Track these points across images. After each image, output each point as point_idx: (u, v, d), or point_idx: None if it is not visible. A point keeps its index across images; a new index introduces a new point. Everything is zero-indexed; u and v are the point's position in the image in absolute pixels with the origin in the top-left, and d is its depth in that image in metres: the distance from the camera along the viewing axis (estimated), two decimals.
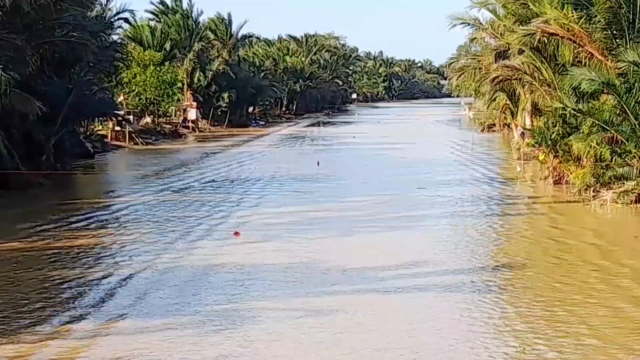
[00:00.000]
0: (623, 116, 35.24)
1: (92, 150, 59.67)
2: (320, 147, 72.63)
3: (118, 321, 18.61)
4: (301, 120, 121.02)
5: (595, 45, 38.72)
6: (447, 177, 48.01)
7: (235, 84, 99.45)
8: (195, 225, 31.44)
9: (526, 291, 21.50)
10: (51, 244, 27.41)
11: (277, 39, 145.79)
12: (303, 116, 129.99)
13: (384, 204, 36.87)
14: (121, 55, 65.22)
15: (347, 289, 21.48)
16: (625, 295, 20.79)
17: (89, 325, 18.19)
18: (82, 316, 18.99)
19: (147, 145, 71.16)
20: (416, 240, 28.66)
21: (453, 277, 22.72)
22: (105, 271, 23.60)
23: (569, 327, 18.08)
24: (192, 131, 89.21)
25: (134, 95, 78.93)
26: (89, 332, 17.78)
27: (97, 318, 18.83)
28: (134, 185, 44.65)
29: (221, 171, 51.65)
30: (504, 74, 51.37)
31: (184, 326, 18.12)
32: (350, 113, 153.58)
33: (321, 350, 16.80)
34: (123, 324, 18.40)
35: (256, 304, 19.96)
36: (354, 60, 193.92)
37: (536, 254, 26.63)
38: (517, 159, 52.92)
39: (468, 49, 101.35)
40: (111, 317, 18.87)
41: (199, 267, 24.09)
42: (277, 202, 37.57)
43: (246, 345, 16.95)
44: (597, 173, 35.66)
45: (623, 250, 26.76)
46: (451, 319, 18.98)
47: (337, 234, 29.43)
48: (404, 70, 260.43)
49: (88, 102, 52.90)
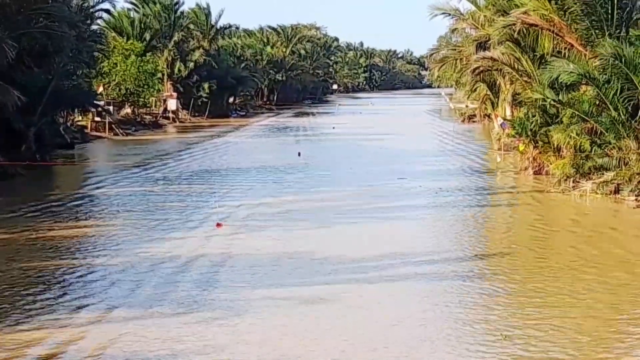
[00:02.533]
0: (602, 107, 35.43)
1: (72, 141, 59.35)
2: (301, 138, 72.61)
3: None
4: (282, 111, 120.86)
5: (575, 36, 38.94)
6: (427, 167, 48.12)
7: (216, 74, 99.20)
8: (175, 216, 31.36)
9: (507, 278, 21.64)
10: (29, 235, 27.30)
11: (257, 29, 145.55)
12: (284, 107, 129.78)
13: (365, 194, 36.91)
14: (101, 46, 64.92)
15: (330, 279, 21.51)
16: (602, 279, 20.99)
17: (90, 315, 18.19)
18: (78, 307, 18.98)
19: (127, 136, 70.91)
20: (398, 231, 28.71)
21: (436, 267, 22.85)
22: (85, 262, 23.58)
23: (550, 310, 18.24)
24: (173, 122, 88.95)
25: (114, 86, 78.60)
26: (87, 320, 17.77)
27: (98, 308, 18.84)
28: (114, 176, 44.47)
29: (202, 162, 51.54)
30: (484, 65, 51.48)
31: (166, 316, 18.14)
32: (331, 104, 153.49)
33: (308, 340, 16.84)
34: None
35: (241, 294, 19.96)
36: (334, 51, 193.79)
37: (516, 243, 26.80)
38: (498, 150, 53.13)
39: (449, 40, 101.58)
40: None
41: (181, 259, 24.05)
42: (258, 193, 37.54)
43: (231, 334, 16.97)
44: (577, 163, 35.84)
45: (601, 239, 26.96)
46: (435, 307, 19.07)
47: (318, 225, 29.44)
48: (384, 61, 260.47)
49: (67, 93, 52.70)
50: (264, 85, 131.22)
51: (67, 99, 52.82)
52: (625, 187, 33.62)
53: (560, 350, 16.06)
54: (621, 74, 34.45)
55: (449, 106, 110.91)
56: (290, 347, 16.42)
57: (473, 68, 55.25)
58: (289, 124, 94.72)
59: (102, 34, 68.44)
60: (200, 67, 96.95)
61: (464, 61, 71.90)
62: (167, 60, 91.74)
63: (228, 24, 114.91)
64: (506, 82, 55.40)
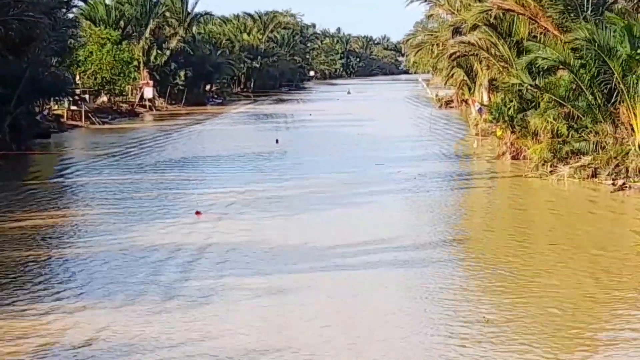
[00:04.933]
0: (578, 91, 35.58)
1: (49, 130, 58.97)
2: (279, 125, 72.50)
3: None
4: (259, 98, 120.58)
5: (550, 20, 39.05)
6: (405, 153, 48.19)
7: (192, 61, 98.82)
8: (153, 205, 31.24)
9: (486, 261, 21.78)
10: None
11: (233, 16, 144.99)
12: (261, 94, 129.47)
13: (343, 181, 36.91)
14: (76, 34, 64.49)
15: (308, 267, 21.53)
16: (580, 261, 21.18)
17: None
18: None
19: (103, 125, 70.50)
20: (377, 217, 28.76)
21: (415, 252, 22.91)
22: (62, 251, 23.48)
23: (530, 292, 18.38)
24: (149, 110, 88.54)
25: (90, 74, 78.14)
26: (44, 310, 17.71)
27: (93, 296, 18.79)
28: (91, 164, 44.24)
29: (180, 150, 51.35)
30: (461, 50, 51.60)
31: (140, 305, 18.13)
32: (309, 90, 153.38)
33: (284, 329, 16.86)
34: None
35: (218, 282, 19.95)
36: (311, 38, 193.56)
37: (495, 226, 26.94)
38: (475, 135, 53.27)
39: (425, 26, 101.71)
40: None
41: (158, 247, 23.98)
42: (236, 181, 37.46)
43: (207, 322, 16.96)
44: (554, 148, 35.99)
45: (578, 223, 27.15)
46: (413, 292, 19.17)
47: (296, 212, 29.44)
48: (361, 47, 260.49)
49: (43, 81, 52.30)
50: (240, 72, 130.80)
51: (43, 88, 52.44)
52: (603, 171, 33.80)
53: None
54: (597, 58, 34.59)
55: (426, 92, 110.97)
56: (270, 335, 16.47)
57: (450, 53, 55.42)
58: (266, 111, 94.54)
59: (77, 22, 67.97)
60: (176, 54, 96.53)
61: (441, 47, 72.11)
62: (143, 48, 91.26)
63: (204, 11, 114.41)
64: (483, 68, 55.51)
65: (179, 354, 15.31)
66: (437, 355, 15.18)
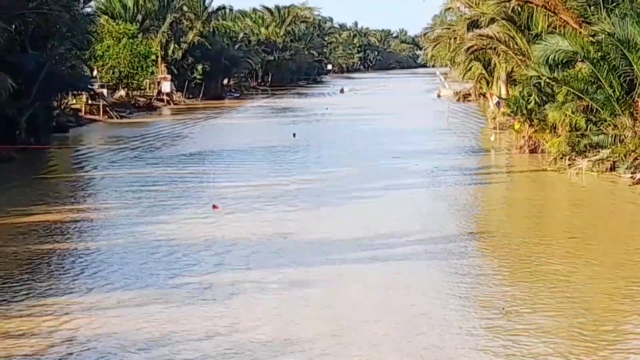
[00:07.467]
0: (597, 84, 35.39)
1: (67, 124, 59.16)
2: (296, 119, 72.47)
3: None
4: (276, 92, 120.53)
5: (570, 13, 38.81)
6: (422, 147, 48.05)
7: (210, 56, 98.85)
8: (172, 198, 31.31)
9: (505, 256, 21.73)
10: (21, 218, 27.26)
11: (251, 10, 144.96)
12: (278, 88, 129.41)
13: (360, 174, 36.87)
14: (94, 28, 64.61)
15: (326, 260, 21.54)
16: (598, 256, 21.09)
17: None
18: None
19: (121, 119, 70.70)
20: (393, 210, 28.71)
21: (431, 246, 22.87)
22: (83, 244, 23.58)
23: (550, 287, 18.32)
24: (167, 104, 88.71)
25: (108, 69, 78.32)
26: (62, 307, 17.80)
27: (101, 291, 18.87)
28: (110, 159, 44.36)
29: (198, 144, 51.37)
30: (478, 44, 51.44)
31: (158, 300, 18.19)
32: (326, 84, 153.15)
33: (304, 321, 16.90)
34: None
35: (237, 276, 19.97)
36: (328, 31, 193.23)
37: (513, 220, 26.88)
38: (493, 129, 53.07)
39: (443, 19, 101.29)
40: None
41: (174, 240, 24.03)
42: (254, 174, 37.48)
43: (226, 317, 17.00)
44: (573, 141, 35.83)
45: (598, 217, 27.03)
46: (432, 286, 19.15)
47: (315, 206, 29.44)
48: (379, 41, 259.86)
49: (61, 76, 52.44)
50: (258, 66, 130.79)
51: (61, 82, 52.59)
52: (621, 164, 33.62)
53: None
54: (616, 51, 34.38)
55: (443, 85, 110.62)
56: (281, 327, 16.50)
57: (467, 47, 55.22)
58: (283, 104, 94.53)
59: (95, 16, 68.11)
60: (194, 48, 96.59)
61: (458, 40, 71.82)
62: (160, 42, 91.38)
63: (222, 5, 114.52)
64: (500, 61, 55.30)
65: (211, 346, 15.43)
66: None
